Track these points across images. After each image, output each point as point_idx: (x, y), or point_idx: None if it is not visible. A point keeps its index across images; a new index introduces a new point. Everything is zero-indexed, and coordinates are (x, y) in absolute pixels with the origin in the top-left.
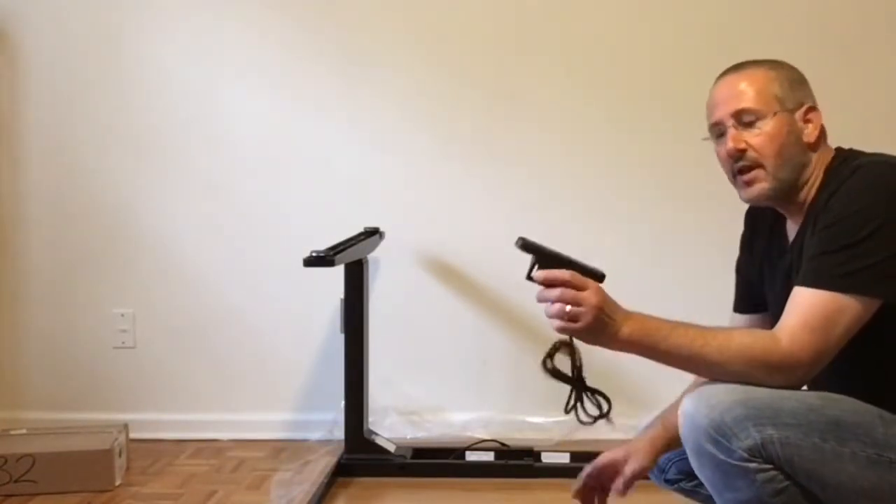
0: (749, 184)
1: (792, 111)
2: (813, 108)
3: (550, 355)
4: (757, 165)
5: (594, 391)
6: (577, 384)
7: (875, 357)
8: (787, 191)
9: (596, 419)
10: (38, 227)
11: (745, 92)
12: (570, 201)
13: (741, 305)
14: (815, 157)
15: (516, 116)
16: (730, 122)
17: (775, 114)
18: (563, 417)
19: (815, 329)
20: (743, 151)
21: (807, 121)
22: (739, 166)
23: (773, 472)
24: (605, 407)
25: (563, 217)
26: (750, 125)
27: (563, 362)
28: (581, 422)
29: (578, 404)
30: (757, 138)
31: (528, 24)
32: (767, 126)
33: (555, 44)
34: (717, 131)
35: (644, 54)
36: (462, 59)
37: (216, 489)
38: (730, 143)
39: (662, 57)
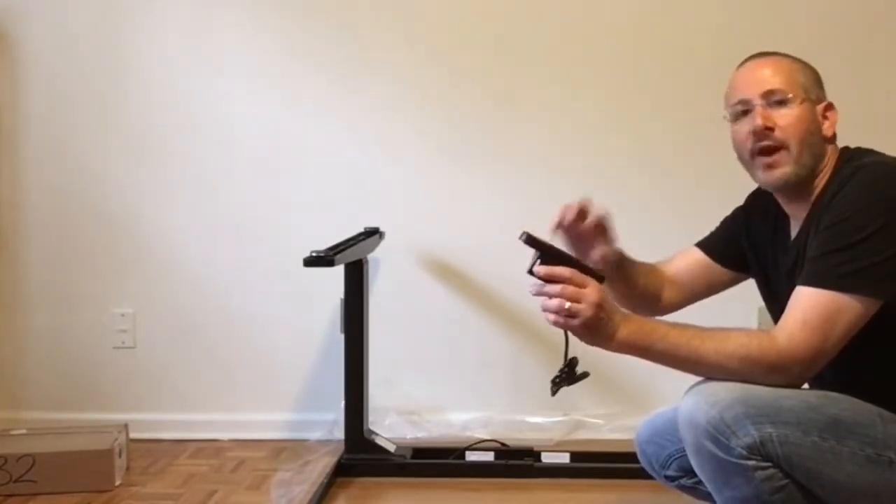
0: (771, 167)
1: (815, 102)
2: (831, 106)
3: (559, 383)
4: (782, 146)
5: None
6: (568, 380)
7: (875, 357)
8: (806, 179)
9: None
10: (38, 227)
11: (775, 75)
12: (571, 201)
13: (708, 247)
14: (829, 150)
15: (516, 116)
16: (758, 102)
17: (803, 101)
18: (563, 417)
19: (814, 328)
20: (770, 130)
21: (825, 117)
22: (763, 145)
23: (772, 471)
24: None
25: None
26: (780, 105)
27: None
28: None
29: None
30: (785, 119)
31: (527, 24)
32: (796, 110)
33: (554, 44)
34: (741, 110)
35: (643, 55)
36: (462, 59)
37: (216, 489)
38: (758, 120)
39: (662, 57)
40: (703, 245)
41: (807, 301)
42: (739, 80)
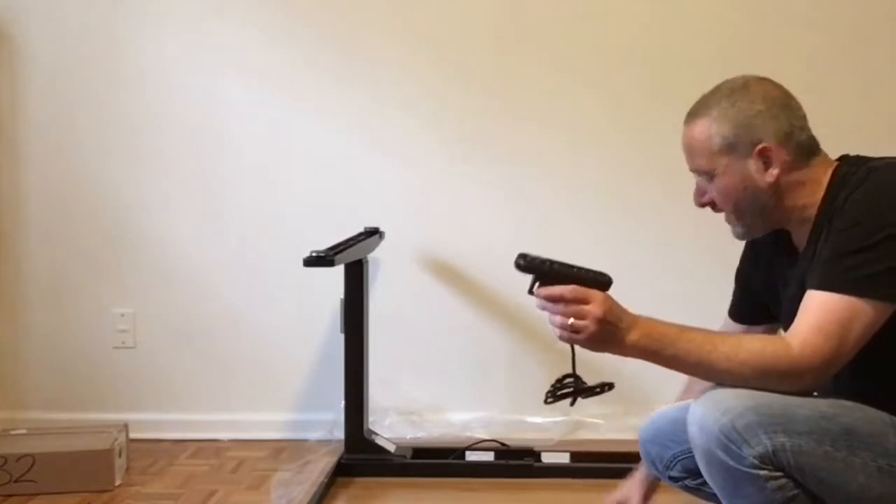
0: (730, 224)
1: (744, 157)
2: (767, 148)
3: (554, 395)
4: (726, 212)
5: (593, 389)
6: (578, 392)
7: (887, 362)
8: (766, 225)
9: (601, 390)
10: (39, 227)
11: (694, 148)
12: (572, 201)
13: (737, 314)
14: (796, 183)
15: (518, 116)
16: (695, 176)
17: (725, 168)
18: (563, 417)
19: (828, 334)
20: (707, 205)
21: (765, 161)
22: (716, 211)
23: (783, 480)
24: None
25: (564, 217)
26: (709, 178)
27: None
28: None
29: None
30: (712, 193)
31: (530, 23)
32: (719, 182)
33: (557, 43)
34: None
35: (648, 55)
36: (463, 58)
37: (216, 489)
38: (695, 200)
39: (666, 57)
40: (733, 314)
41: (821, 305)
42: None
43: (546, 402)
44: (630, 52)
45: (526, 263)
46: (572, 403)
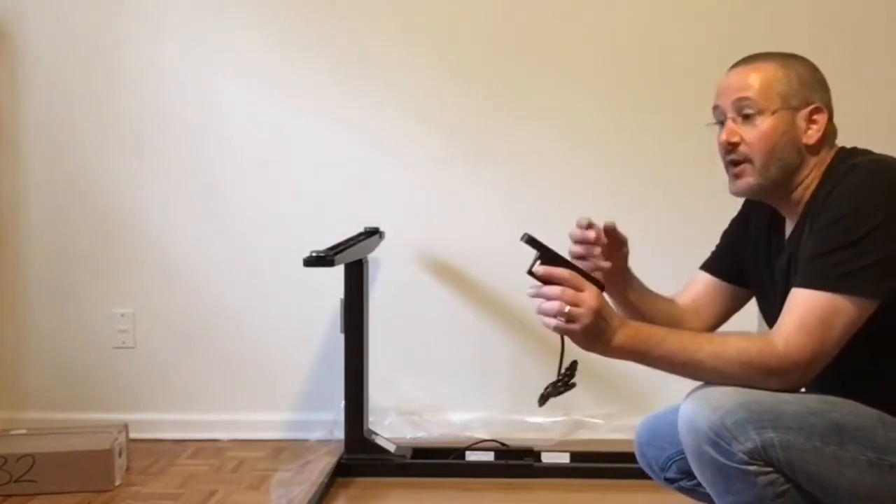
0: (737, 177)
1: (796, 109)
2: (819, 109)
3: (549, 394)
4: (746, 160)
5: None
6: (564, 388)
7: (874, 359)
8: (774, 189)
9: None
10: (38, 226)
11: (751, 84)
12: (572, 201)
13: (713, 267)
14: (813, 160)
15: (517, 116)
16: (730, 113)
17: (775, 112)
18: (563, 417)
19: (811, 331)
20: (735, 145)
21: (811, 121)
22: (730, 159)
23: (773, 475)
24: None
25: (564, 217)
26: (748, 119)
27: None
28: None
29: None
30: (751, 133)
31: (530, 22)
32: (765, 123)
33: (557, 43)
34: (717, 117)
35: (648, 53)
36: (463, 58)
37: (216, 489)
38: (723, 136)
39: (666, 56)
40: (707, 266)
41: (804, 303)
42: (721, 85)
43: (540, 405)
44: (630, 52)
45: (531, 237)
46: (541, 404)
